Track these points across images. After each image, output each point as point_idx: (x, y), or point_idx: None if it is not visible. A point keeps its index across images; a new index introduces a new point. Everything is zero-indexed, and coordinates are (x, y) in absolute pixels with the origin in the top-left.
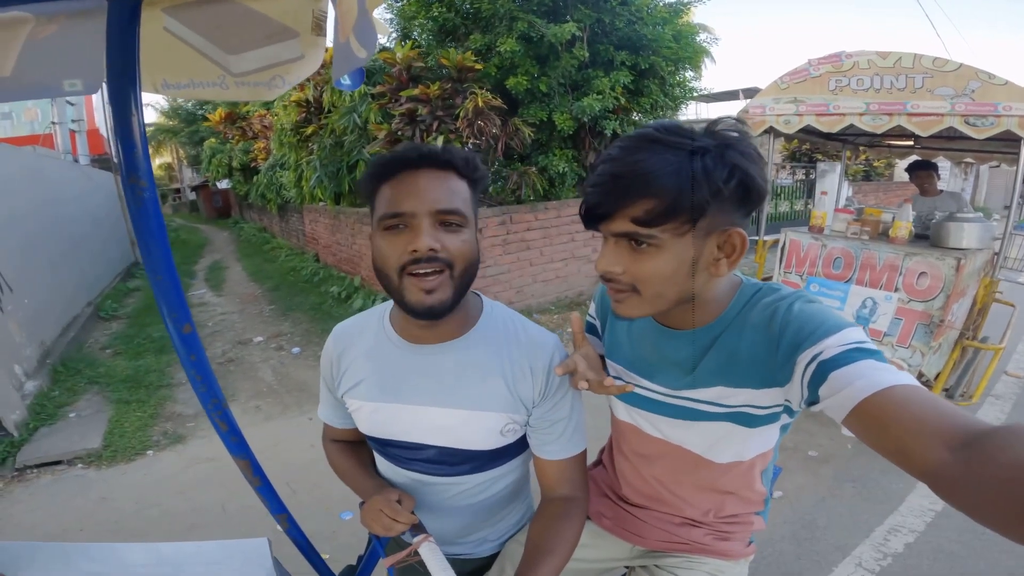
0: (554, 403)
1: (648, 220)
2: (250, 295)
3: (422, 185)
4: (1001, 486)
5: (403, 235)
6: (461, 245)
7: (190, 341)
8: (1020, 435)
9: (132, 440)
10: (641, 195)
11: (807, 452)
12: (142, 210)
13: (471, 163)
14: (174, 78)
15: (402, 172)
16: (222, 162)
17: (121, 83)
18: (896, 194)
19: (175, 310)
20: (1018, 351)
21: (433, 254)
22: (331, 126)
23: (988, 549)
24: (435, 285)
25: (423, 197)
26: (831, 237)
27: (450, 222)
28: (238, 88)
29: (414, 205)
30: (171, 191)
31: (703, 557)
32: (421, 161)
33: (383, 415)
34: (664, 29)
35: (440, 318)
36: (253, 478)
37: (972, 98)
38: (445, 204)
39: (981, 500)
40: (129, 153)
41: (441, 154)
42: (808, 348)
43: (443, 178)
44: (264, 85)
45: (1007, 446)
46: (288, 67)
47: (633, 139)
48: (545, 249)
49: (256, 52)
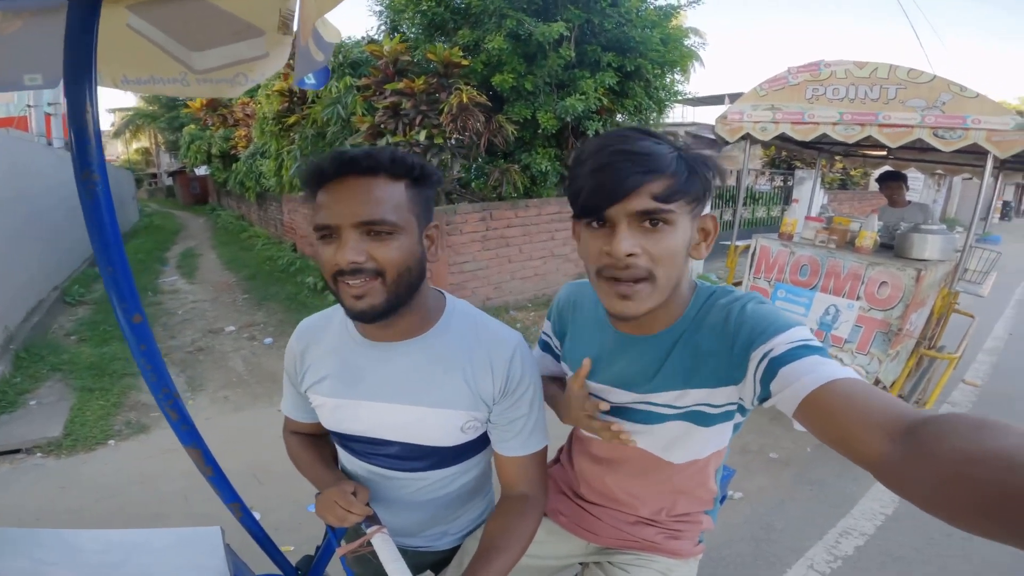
0: (514, 400)
1: (667, 195)
2: (224, 283)
3: (345, 195)
4: (942, 476)
5: (332, 245)
6: (392, 253)
7: (140, 331)
8: (956, 425)
9: (94, 429)
10: (660, 171)
11: (769, 454)
12: (94, 203)
13: (402, 163)
14: (134, 74)
15: (328, 182)
16: (201, 148)
17: (77, 78)
18: (870, 203)
19: (126, 300)
20: (977, 360)
21: (356, 266)
22: (314, 116)
23: (938, 555)
24: (363, 291)
25: (346, 209)
26: (799, 244)
27: (377, 231)
28: (199, 85)
29: (338, 217)
30: (147, 176)
31: (654, 555)
32: (343, 168)
33: (346, 411)
34: (652, 32)
35: (373, 322)
36: (205, 467)
37: (942, 111)
38: (367, 215)
39: (923, 489)
40: (83, 147)
41: (363, 160)
42: (760, 346)
43: (369, 186)
44: (227, 82)
45: (944, 436)
46: (252, 65)
47: (623, 131)
48: (524, 247)
49: (220, 49)
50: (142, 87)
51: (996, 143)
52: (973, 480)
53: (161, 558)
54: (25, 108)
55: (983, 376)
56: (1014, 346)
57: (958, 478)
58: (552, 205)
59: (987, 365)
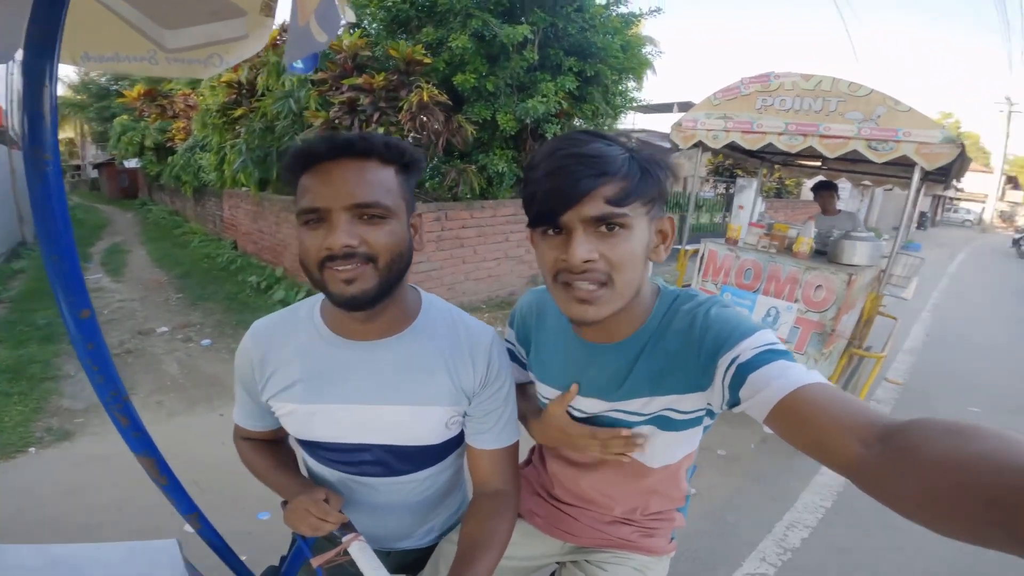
0: (492, 392)
1: (620, 199)
2: (154, 281)
3: (338, 177)
4: (926, 483)
5: (320, 229)
6: (384, 237)
7: (88, 328)
8: (932, 430)
9: (12, 436)
10: (613, 174)
11: (717, 451)
12: (43, 185)
13: (395, 148)
14: (97, 50)
15: (319, 163)
16: (133, 140)
17: (39, 54)
18: (802, 211)
19: (73, 293)
20: (898, 360)
21: (350, 250)
22: (263, 110)
23: (875, 547)
24: (355, 275)
25: (339, 191)
26: (744, 249)
27: (371, 215)
28: (169, 64)
29: (329, 200)
30: (71, 167)
31: (629, 553)
32: (336, 151)
33: (321, 417)
34: (614, 39)
35: (365, 308)
36: (160, 477)
37: (877, 123)
38: (362, 197)
39: (905, 496)
40: (36, 125)
41: (358, 142)
42: (727, 352)
43: (362, 168)
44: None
45: (923, 442)
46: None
47: (575, 135)
48: (479, 248)
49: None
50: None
51: (924, 155)
52: (959, 486)
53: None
54: None
55: (904, 375)
56: (932, 347)
57: (944, 485)
58: (508, 207)
59: (907, 364)
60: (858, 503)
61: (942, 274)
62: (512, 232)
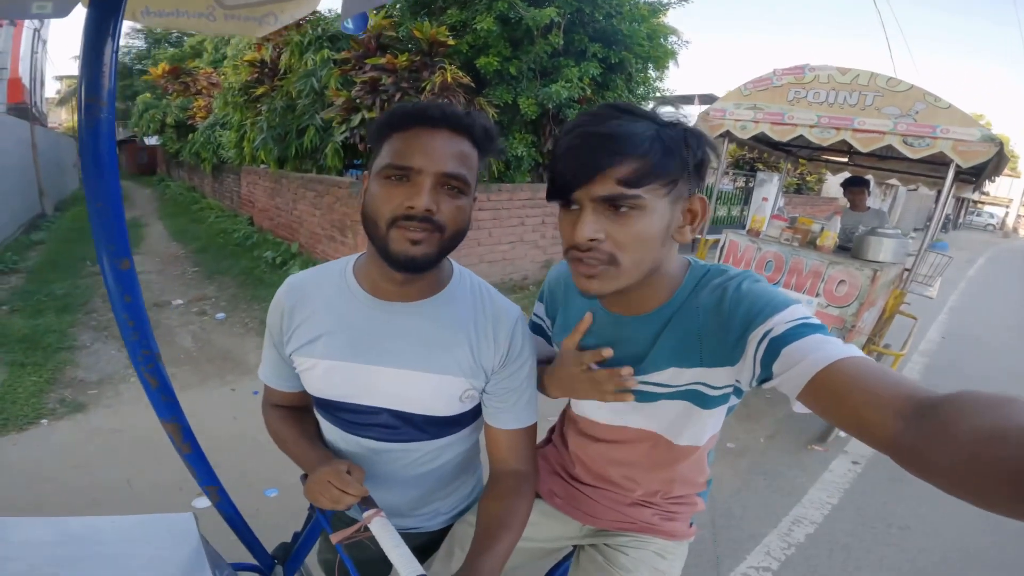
0: (512, 371)
1: (634, 180)
2: (171, 255)
3: (436, 144)
4: (965, 454)
5: (403, 187)
6: (456, 211)
7: (127, 280)
8: (974, 402)
9: (25, 407)
10: (627, 154)
11: (726, 444)
12: (95, 130)
13: (489, 133)
14: (158, 5)
15: (418, 126)
16: (155, 117)
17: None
18: (822, 208)
19: (113, 240)
20: (912, 360)
21: (429, 215)
22: (285, 88)
23: (877, 544)
24: (422, 238)
25: (433, 156)
26: (766, 241)
27: (452, 186)
28: (226, 21)
29: (423, 162)
30: None
31: (650, 536)
32: (441, 120)
33: (340, 375)
34: (640, 26)
35: (420, 272)
36: (183, 444)
37: (915, 119)
38: (452, 168)
39: (946, 469)
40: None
41: (463, 118)
42: (759, 325)
43: (457, 142)
44: (255, 20)
45: (964, 413)
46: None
47: (602, 108)
48: (494, 231)
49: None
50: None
51: (961, 153)
52: (999, 456)
53: (127, 549)
54: None
55: (918, 375)
56: (947, 348)
57: (984, 455)
58: (524, 191)
59: (921, 365)
60: (864, 500)
61: (962, 277)
62: (528, 216)
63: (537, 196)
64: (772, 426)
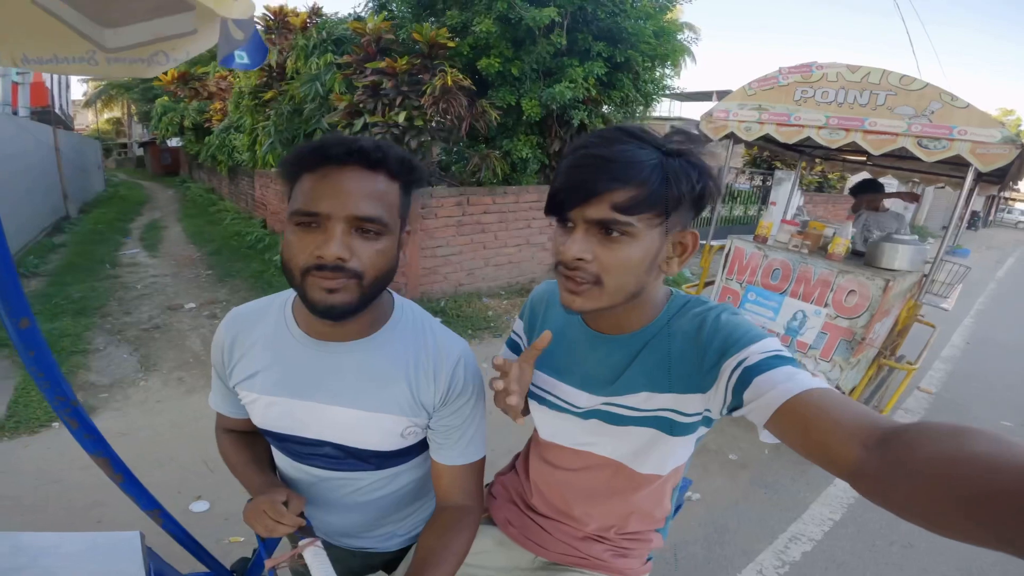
0: (454, 409)
1: (628, 207)
2: (187, 258)
3: (344, 185)
4: (921, 480)
5: (314, 235)
6: (375, 255)
7: (29, 336)
8: (932, 431)
9: (37, 410)
10: (625, 181)
11: (728, 455)
12: None
13: (407, 165)
14: (35, 52)
15: (326, 165)
16: (173, 120)
17: None
18: (844, 206)
19: (8, 301)
20: (933, 368)
21: (341, 263)
22: (291, 93)
23: (876, 562)
24: (339, 286)
25: (342, 199)
26: (773, 248)
27: (367, 229)
28: (110, 64)
29: (330, 207)
30: (117, 146)
31: (600, 573)
32: (348, 157)
33: (279, 409)
34: (646, 24)
35: (341, 319)
36: (115, 475)
37: (930, 119)
38: (364, 210)
39: (902, 494)
40: None
41: (372, 152)
42: (734, 354)
43: (370, 180)
44: (142, 62)
45: (922, 442)
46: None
47: (610, 131)
48: (500, 233)
49: (137, 26)
50: (44, 67)
51: (979, 156)
52: (953, 481)
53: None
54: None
55: (937, 384)
56: (970, 355)
57: (938, 480)
58: (531, 193)
59: (942, 373)
60: (867, 517)
61: (990, 279)
62: (534, 219)
63: (543, 198)
64: None
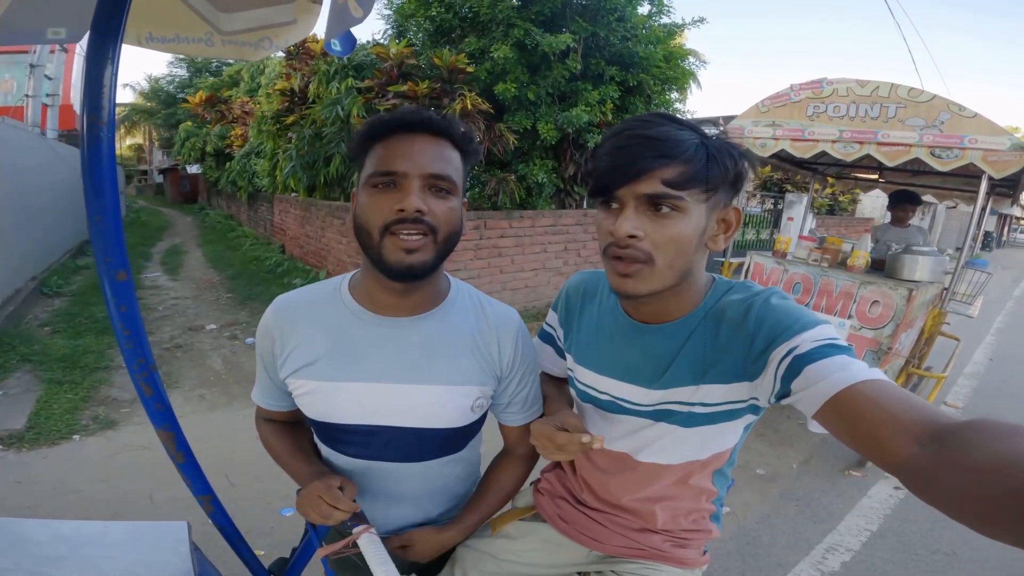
0: (521, 374)
1: (679, 182)
2: (207, 281)
3: (417, 148)
4: (974, 480)
5: (391, 194)
6: (447, 212)
7: (123, 290)
8: (987, 430)
9: (59, 423)
10: (673, 158)
11: (755, 470)
12: (96, 148)
13: (467, 136)
14: (160, 31)
15: (398, 133)
16: (195, 146)
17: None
18: (855, 229)
19: (111, 253)
20: (958, 384)
21: (419, 215)
22: (313, 117)
23: (920, 571)
24: (418, 245)
25: (416, 159)
26: (793, 262)
27: (440, 187)
28: (224, 47)
29: (407, 166)
30: (138, 172)
31: (660, 564)
32: (419, 125)
33: (344, 396)
34: (656, 48)
35: (418, 280)
36: (176, 452)
37: (941, 129)
38: (438, 168)
39: (953, 494)
40: (96, 95)
41: (440, 121)
42: (784, 342)
43: (438, 145)
44: (251, 46)
45: (978, 440)
46: (278, 30)
47: (650, 115)
48: (516, 257)
49: (248, 13)
50: (166, 46)
51: (992, 163)
52: (1009, 481)
53: (114, 552)
54: (23, 98)
55: (964, 399)
56: (995, 370)
57: (993, 479)
58: (546, 217)
59: (968, 388)
60: (906, 527)
61: (1008, 297)
62: (550, 243)
63: (559, 223)
64: (806, 451)
